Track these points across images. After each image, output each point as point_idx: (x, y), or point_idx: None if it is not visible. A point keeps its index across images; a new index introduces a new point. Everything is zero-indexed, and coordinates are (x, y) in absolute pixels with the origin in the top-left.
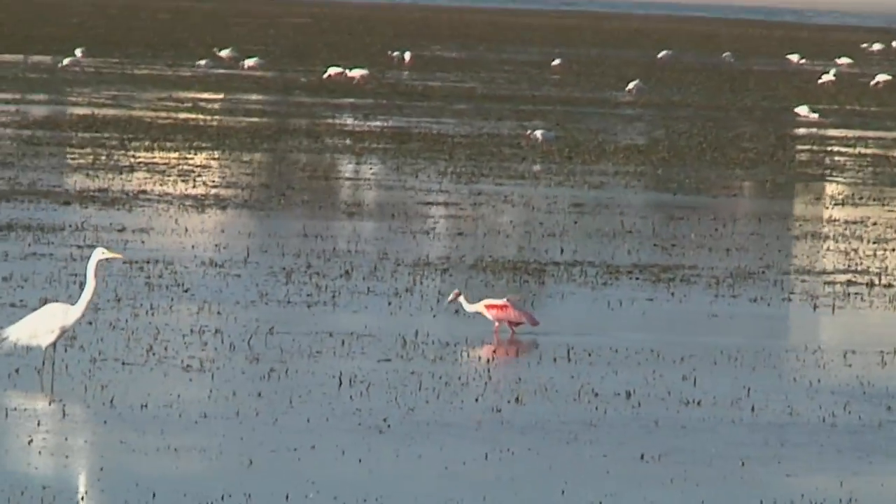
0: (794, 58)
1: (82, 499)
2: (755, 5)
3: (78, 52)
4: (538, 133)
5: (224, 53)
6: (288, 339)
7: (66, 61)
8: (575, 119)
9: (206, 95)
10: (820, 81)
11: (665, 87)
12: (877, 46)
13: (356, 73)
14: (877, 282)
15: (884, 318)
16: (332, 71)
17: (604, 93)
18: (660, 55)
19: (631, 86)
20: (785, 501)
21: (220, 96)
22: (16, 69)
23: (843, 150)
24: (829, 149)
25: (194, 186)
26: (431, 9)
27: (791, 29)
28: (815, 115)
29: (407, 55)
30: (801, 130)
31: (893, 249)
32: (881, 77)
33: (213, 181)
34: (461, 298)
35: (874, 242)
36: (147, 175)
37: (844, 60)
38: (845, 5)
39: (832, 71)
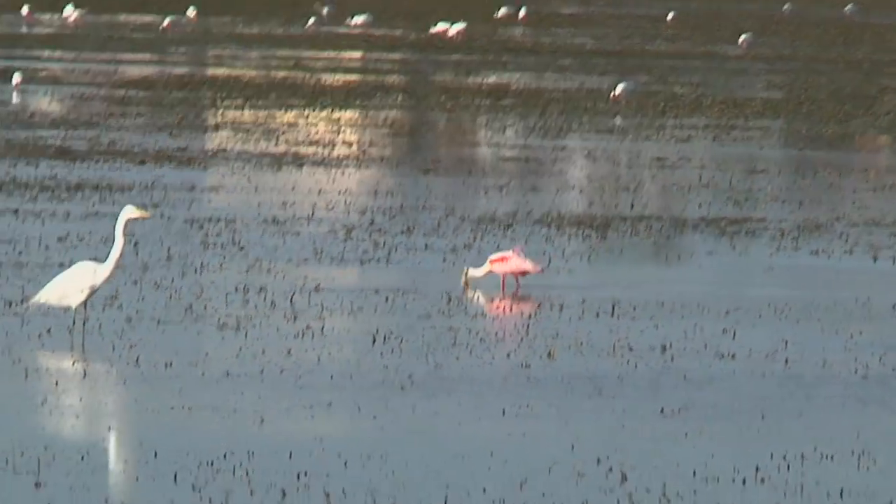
0: None
1: (82, 458)
2: None
3: (190, 12)
4: (619, 86)
5: (324, 11)
6: (332, 297)
7: (166, 21)
8: (679, 73)
9: (309, 53)
10: None
11: (778, 40)
12: None
13: (455, 29)
14: None
15: None
16: (437, 28)
17: (715, 46)
18: (783, 8)
19: (741, 39)
20: (796, 454)
21: (323, 54)
22: (123, 30)
23: None
24: None
25: (276, 145)
26: None
27: None
28: None
29: (522, 11)
30: None
31: None
32: None
33: (296, 139)
34: (471, 271)
35: None
36: (231, 134)
37: None
38: None
39: None
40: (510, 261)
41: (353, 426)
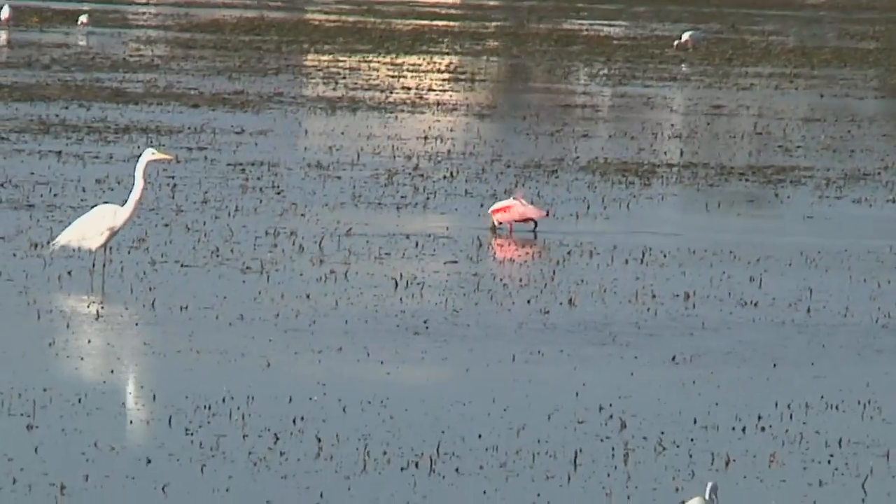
0: None
1: (79, 401)
2: None
3: None
4: (686, 35)
5: None
6: (361, 241)
7: None
8: (753, 21)
9: None
10: None
11: None
12: None
13: None
14: None
15: None
16: None
17: None
18: None
19: None
20: (801, 403)
21: None
22: None
23: None
24: None
25: (333, 89)
26: None
27: None
28: None
29: None
30: None
31: None
32: None
33: (355, 84)
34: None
35: None
36: (290, 77)
37: None
38: None
39: None
40: (513, 209)
41: (358, 371)
